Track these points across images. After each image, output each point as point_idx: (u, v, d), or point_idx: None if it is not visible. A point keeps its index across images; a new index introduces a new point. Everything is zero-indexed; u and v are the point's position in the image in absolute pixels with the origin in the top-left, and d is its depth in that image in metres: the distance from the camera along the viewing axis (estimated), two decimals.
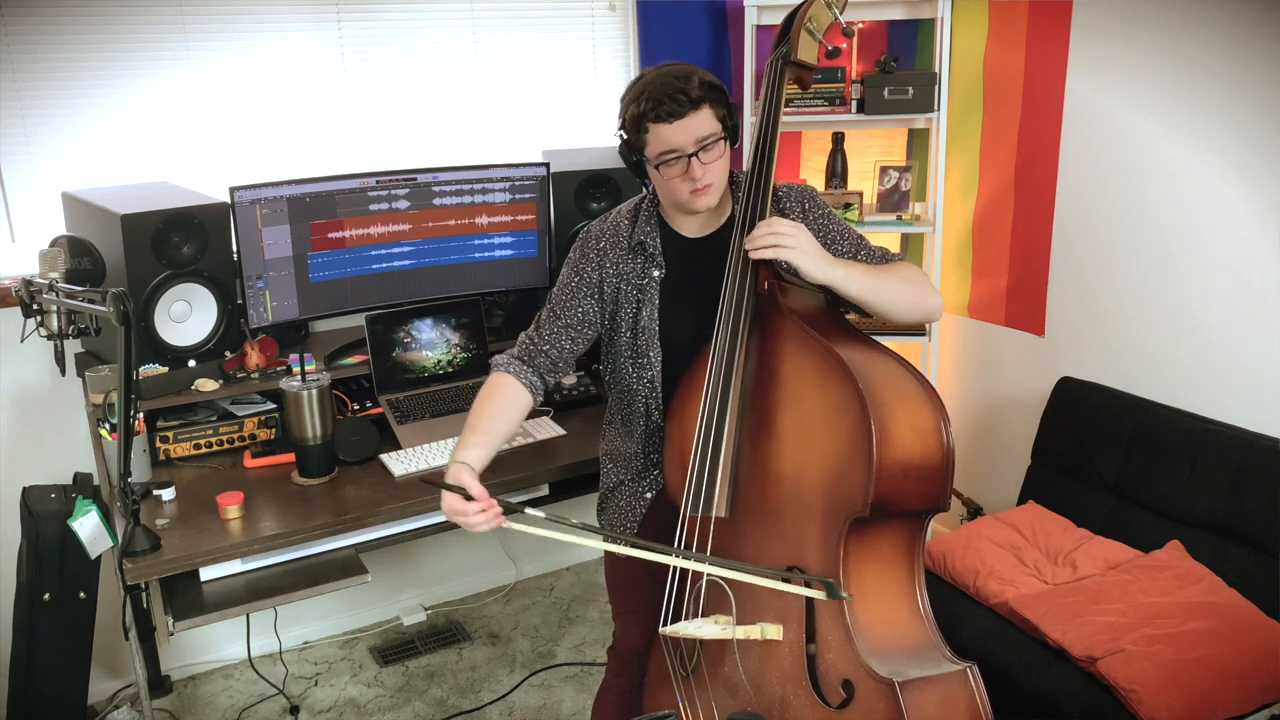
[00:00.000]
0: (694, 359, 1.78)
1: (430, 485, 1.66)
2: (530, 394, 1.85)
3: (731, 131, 1.73)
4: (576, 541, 1.63)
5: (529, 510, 1.61)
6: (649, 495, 1.91)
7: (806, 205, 1.82)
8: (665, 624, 1.68)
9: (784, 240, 1.60)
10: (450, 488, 1.63)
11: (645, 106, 1.66)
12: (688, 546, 1.67)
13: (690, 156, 1.67)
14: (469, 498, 1.62)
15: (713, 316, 1.71)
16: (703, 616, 1.65)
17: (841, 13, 1.85)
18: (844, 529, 1.54)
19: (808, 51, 1.81)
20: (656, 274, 1.82)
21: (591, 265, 1.86)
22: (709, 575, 1.63)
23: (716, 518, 1.65)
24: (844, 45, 2.15)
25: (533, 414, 2.69)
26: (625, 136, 1.74)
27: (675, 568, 1.67)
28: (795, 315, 1.64)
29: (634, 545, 1.63)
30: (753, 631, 1.60)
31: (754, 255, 1.63)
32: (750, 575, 1.55)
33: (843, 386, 1.55)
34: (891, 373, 1.61)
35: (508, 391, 1.83)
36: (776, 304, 1.67)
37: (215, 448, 2.50)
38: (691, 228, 1.83)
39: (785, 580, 1.55)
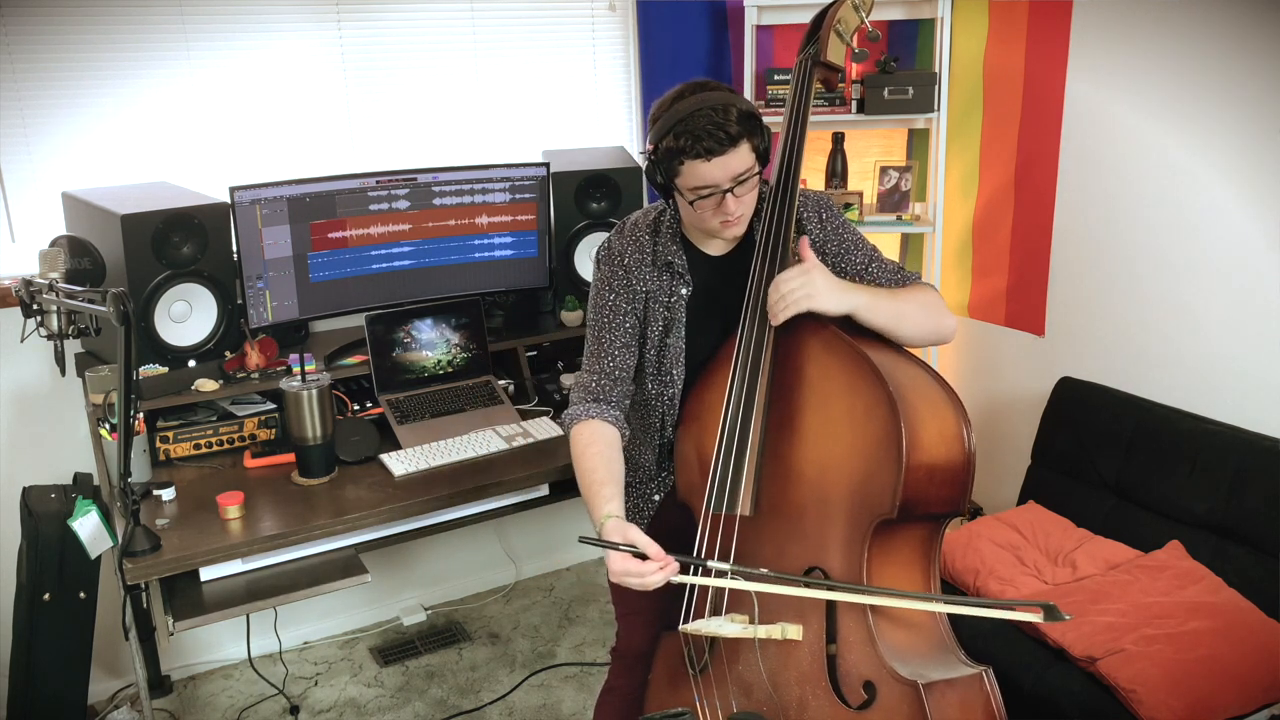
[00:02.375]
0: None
1: (593, 545, 1.56)
2: (619, 431, 1.78)
3: (764, 156, 1.68)
4: (763, 589, 1.57)
5: (713, 563, 1.55)
6: (657, 497, 1.91)
7: (823, 215, 1.80)
8: (685, 621, 1.68)
9: (796, 296, 1.59)
10: (621, 548, 1.55)
11: (683, 143, 1.58)
12: (709, 544, 1.66)
13: (725, 192, 1.63)
14: (641, 555, 1.55)
15: (735, 335, 1.71)
16: (722, 615, 1.65)
17: (868, 15, 1.85)
18: (869, 530, 1.54)
19: (836, 53, 1.82)
20: (684, 292, 1.80)
21: (621, 282, 1.82)
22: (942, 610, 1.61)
23: (739, 516, 1.65)
24: (869, 51, 2.12)
25: (533, 414, 2.70)
26: (656, 162, 1.67)
27: (691, 566, 1.66)
28: (822, 316, 1.64)
29: (834, 588, 1.55)
30: (773, 631, 1.60)
31: (777, 321, 1.63)
32: (978, 608, 1.51)
33: (873, 390, 1.55)
34: (917, 377, 1.62)
35: (609, 438, 1.75)
36: None
37: (215, 448, 2.50)
38: (715, 246, 1.81)
39: (1000, 606, 1.53)
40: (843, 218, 1.83)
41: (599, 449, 1.73)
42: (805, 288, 1.60)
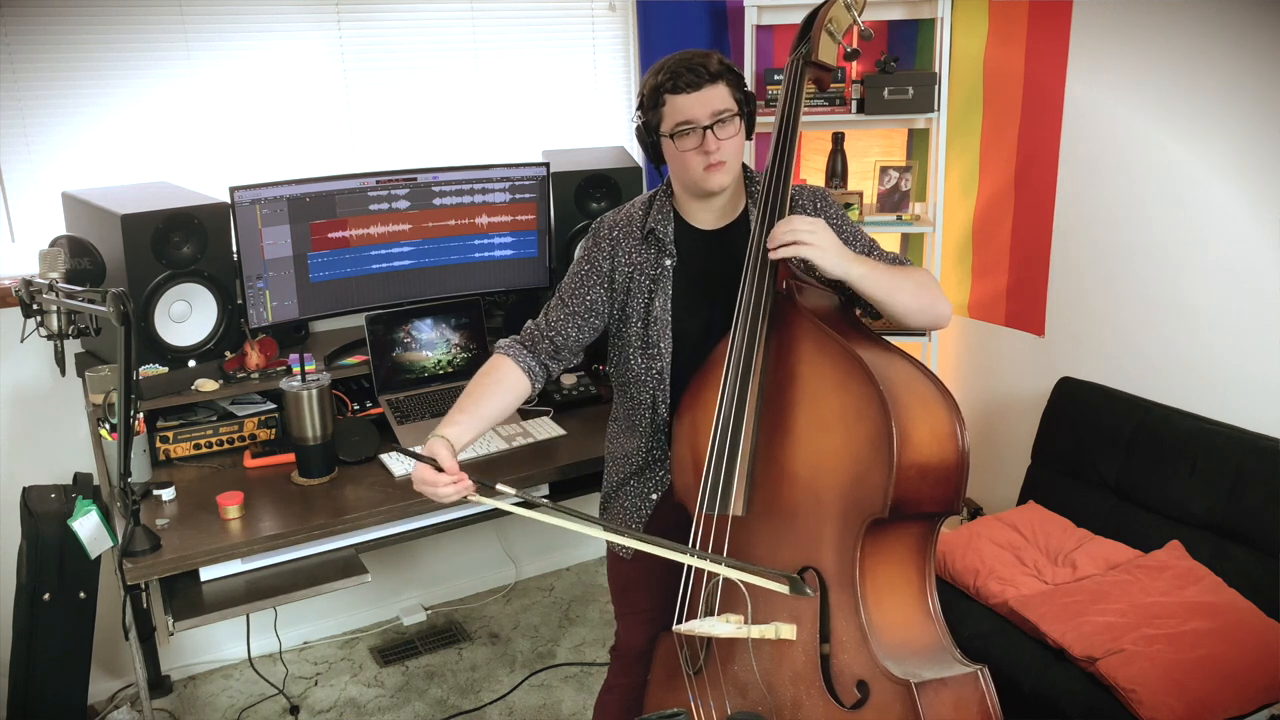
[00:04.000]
0: (703, 353, 1.78)
1: (405, 454, 1.67)
2: (528, 379, 1.84)
3: (748, 118, 1.75)
4: (545, 520, 1.64)
5: (500, 486, 1.64)
6: (654, 496, 1.90)
7: (819, 205, 1.83)
8: (679, 622, 1.68)
9: (803, 237, 1.61)
10: (421, 458, 1.65)
11: (663, 78, 1.70)
12: (702, 546, 1.66)
13: (705, 129, 1.68)
14: (441, 470, 1.64)
15: (723, 310, 1.71)
16: (716, 615, 1.65)
17: (860, 14, 1.85)
18: (861, 530, 1.54)
19: (827, 53, 1.82)
20: (669, 263, 1.82)
21: (604, 254, 1.86)
22: (723, 574, 1.63)
23: (732, 517, 1.65)
24: (862, 50, 2.11)
25: (533, 414, 2.70)
26: (643, 114, 1.76)
27: (689, 567, 1.67)
28: (814, 315, 1.65)
29: (608, 529, 1.64)
30: (766, 631, 1.60)
31: (774, 256, 1.63)
32: (721, 567, 1.56)
33: (864, 389, 1.55)
34: (909, 375, 1.62)
35: (502, 374, 1.83)
36: (795, 303, 1.67)
37: (215, 448, 2.50)
38: (705, 220, 1.83)
39: (754, 572, 1.57)
40: (840, 210, 1.84)
41: (489, 383, 1.82)
42: (814, 235, 1.61)
